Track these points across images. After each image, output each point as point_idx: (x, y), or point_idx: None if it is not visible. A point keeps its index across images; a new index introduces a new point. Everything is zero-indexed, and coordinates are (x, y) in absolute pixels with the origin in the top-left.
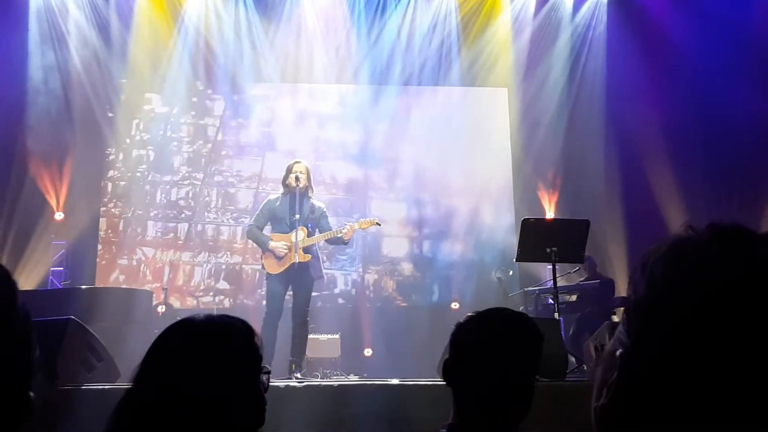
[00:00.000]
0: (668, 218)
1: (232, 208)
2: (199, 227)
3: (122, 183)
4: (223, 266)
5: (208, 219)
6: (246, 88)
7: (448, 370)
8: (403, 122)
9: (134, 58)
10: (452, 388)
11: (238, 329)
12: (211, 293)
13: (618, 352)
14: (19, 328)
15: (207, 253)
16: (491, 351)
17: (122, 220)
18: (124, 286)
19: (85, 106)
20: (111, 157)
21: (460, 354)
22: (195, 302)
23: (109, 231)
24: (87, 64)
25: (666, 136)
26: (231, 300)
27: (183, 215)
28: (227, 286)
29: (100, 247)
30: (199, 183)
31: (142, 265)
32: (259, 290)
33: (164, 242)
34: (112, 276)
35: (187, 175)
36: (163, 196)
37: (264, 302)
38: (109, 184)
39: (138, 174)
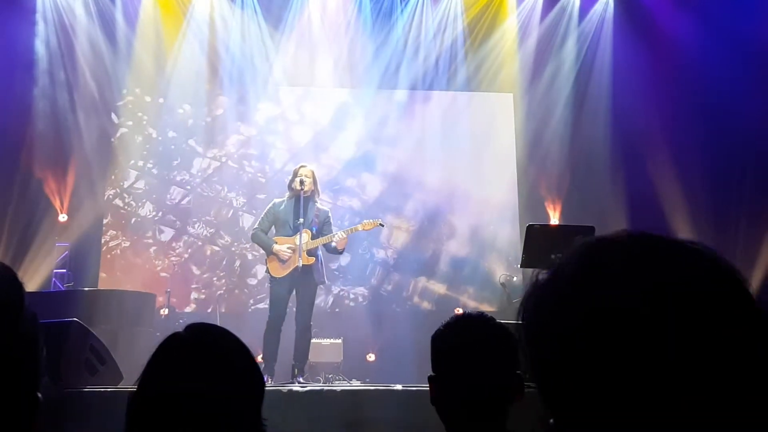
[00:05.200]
0: (674, 225)
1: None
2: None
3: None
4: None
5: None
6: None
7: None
8: (406, 128)
9: (139, 59)
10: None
11: (224, 339)
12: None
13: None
14: (28, 330)
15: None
16: (468, 355)
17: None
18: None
19: (90, 107)
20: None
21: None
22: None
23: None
24: (94, 65)
25: (673, 143)
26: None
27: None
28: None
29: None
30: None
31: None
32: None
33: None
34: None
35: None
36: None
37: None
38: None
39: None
